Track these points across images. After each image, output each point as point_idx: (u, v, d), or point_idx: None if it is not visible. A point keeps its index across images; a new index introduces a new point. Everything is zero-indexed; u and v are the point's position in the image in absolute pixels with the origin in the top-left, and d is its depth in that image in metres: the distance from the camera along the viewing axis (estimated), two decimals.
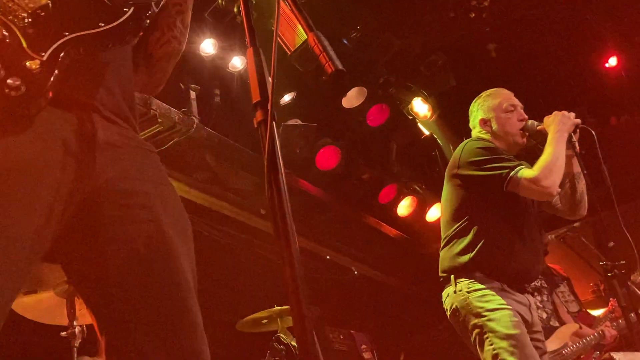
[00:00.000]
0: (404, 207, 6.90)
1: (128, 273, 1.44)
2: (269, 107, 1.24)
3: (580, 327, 4.76)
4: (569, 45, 8.19)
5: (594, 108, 8.35)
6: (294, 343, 4.39)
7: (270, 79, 1.24)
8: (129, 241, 1.46)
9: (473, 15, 6.87)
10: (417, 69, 7.18)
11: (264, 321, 4.73)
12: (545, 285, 5.09)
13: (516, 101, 3.60)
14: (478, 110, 3.64)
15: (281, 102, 5.75)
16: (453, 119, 7.45)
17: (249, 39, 1.34)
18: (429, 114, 7.33)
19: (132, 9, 1.58)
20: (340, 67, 1.27)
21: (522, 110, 3.57)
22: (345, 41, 6.47)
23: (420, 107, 7.27)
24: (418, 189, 6.98)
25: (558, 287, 5.21)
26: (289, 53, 5.35)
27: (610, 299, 4.68)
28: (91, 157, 1.46)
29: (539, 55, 8.08)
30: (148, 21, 1.70)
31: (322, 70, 6.14)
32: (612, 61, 8.05)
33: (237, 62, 5.36)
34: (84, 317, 3.34)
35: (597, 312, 5.17)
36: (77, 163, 1.43)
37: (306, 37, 1.35)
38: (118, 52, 1.64)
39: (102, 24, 1.53)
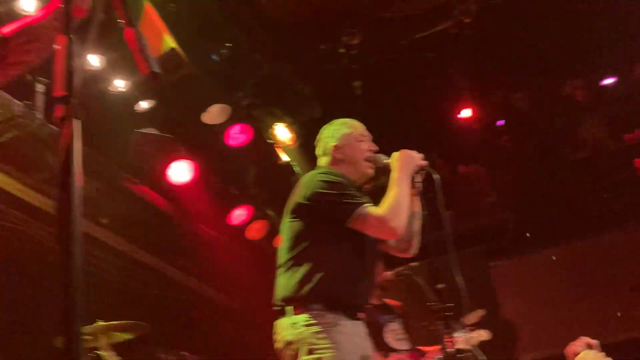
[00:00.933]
0: (255, 231, 6.83)
1: None
2: (72, 102, 1.11)
3: None
4: (429, 92, 8.57)
5: (446, 154, 8.78)
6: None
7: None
8: None
9: (342, 50, 7.01)
10: (284, 95, 7.22)
11: (87, 337, 4.41)
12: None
13: (368, 133, 3.62)
14: (330, 137, 3.59)
15: (136, 109, 5.51)
16: (313, 149, 7.54)
17: (64, 27, 1.21)
18: (290, 141, 7.36)
19: None
20: (156, 69, 1.17)
21: (372, 142, 3.60)
22: (214, 56, 6.36)
23: (282, 133, 7.28)
24: (271, 213, 6.95)
25: (391, 324, 5.32)
26: None
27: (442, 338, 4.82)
28: None
29: (400, 98, 8.38)
30: None
31: (186, 81, 5.96)
32: (466, 113, 8.51)
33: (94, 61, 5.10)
34: None
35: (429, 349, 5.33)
36: None
37: (172, 45, 1.25)
38: None
39: None
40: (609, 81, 8.85)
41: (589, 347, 3.35)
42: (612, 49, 8.14)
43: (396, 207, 3.22)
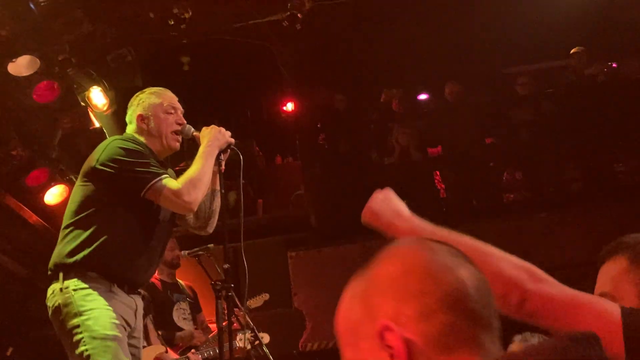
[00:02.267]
0: (54, 195, 6.46)
1: None
2: None
3: (166, 351, 4.85)
4: (257, 80, 8.68)
5: (265, 144, 8.93)
6: None
7: None
8: None
9: (172, 22, 6.84)
10: (104, 58, 6.90)
11: None
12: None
13: (179, 105, 3.56)
14: (138, 105, 3.51)
15: None
16: None
17: None
18: (105, 107, 7.05)
19: None
20: None
21: (182, 115, 3.55)
22: (32, 5, 5.92)
23: (98, 97, 6.94)
24: (74, 179, 6.60)
25: (181, 303, 5.30)
26: None
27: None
28: None
29: (228, 80, 8.40)
30: None
31: None
32: (290, 106, 8.71)
33: None
34: None
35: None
36: None
37: None
38: None
39: None
40: (423, 97, 9.50)
41: None
42: (430, 67, 8.75)
43: (195, 182, 3.22)
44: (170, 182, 3.19)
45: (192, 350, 4.96)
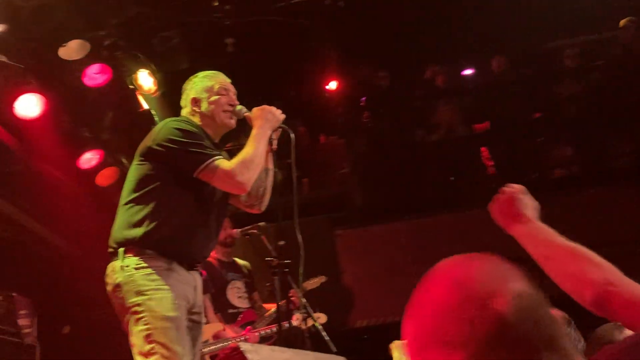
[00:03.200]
0: (104, 177, 6.59)
1: None
2: None
3: (224, 329, 4.92)
4: (300, 60, 8.66)
5: (309, 123, 8.93)
6: None
7: None
8: None
9: (216, 4, 6.88)
10: (150, 41, 6.96)
11: None
12: None
13: (231, 87, 3.59)
14: (191, 89, 3.58)
15: None
16: (177, 100, 7.37)
17: None
18: (153, 89, 7.14)
19: None
20: None
21: (234, 97, 3.58)
22: None
23: (145, 79, 7.03)
24: (124, 161, 6.72)
25: (236, 282, 5.37)
26: None
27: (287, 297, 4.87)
28: None
29: (272, 62, 8.40)
30: None
31: (45, 9, 5.58)
32: (333, 85, 8.68)
33: None
34: None
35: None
36: None
37: None
38: None
39: None
40: (468, 72, 9.37)
41: None
42: (474, 42, 8.62)
43: (248, 163, 3.25)
44: (223, 163, 3.23)
45: (248, 327, 5.03)
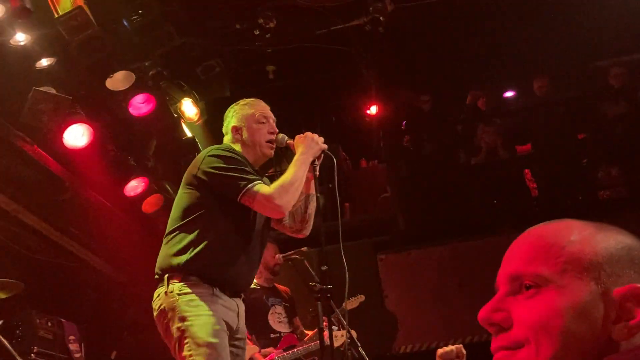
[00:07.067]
0: (150, 204, 6.71)
1: None
2: None
3: (259, 351, 4.94)
4: (340, 85, 8.73)
5: (349, 148, 8.97)
6: None
7: None
8: None
9: (258, 32, 7.00)
10: (193, 70, 7.13)
11: None
12: None
13: (270, 114, 3.65)
14: (232, 117, 3.65)
15: (37, 66, 5.29)
16: (219, 127, 7.50)
17: None
18: (196, 117, 7.31)
19: None
20: (28, 5, 1.16)
21: (274, 124, 3.64)
22: (125, 22, 6.21)
23: (188, 108, 7.22)
24: (169, 188, 6.85)
25: (277, 307, 5.40)
26: (56, 15, 4.99)
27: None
28: None
29: (310, 87, 8.50)
30: None
31: (92, 43, 5.76)
32: (373, 109, 8.72)
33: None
34: None
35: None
36: None
37: (79, 3, 1.21)
38: None
39: None
40: (509, 94, 9.31)
41: (458, 357, 3.43)
42: (516, 64, 8.57)
43: (286, 187, 3.30)
44: (263, 188, 3.28)
45: (289, 352, 5.04)
